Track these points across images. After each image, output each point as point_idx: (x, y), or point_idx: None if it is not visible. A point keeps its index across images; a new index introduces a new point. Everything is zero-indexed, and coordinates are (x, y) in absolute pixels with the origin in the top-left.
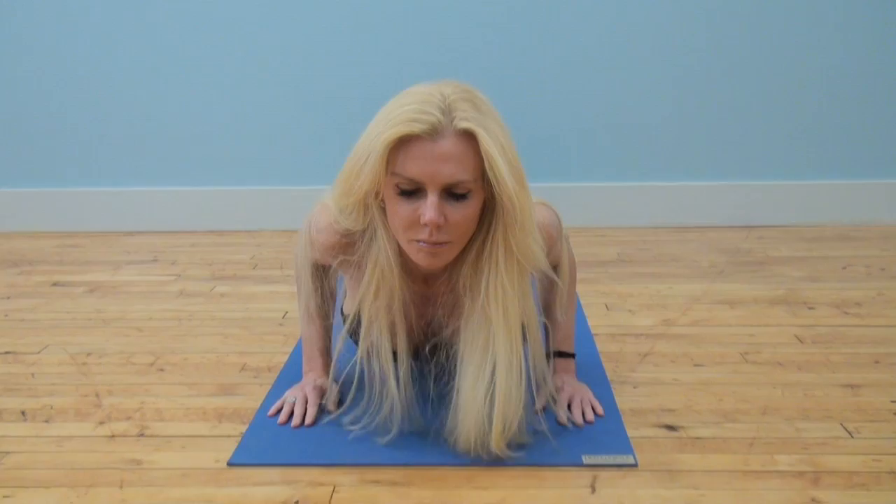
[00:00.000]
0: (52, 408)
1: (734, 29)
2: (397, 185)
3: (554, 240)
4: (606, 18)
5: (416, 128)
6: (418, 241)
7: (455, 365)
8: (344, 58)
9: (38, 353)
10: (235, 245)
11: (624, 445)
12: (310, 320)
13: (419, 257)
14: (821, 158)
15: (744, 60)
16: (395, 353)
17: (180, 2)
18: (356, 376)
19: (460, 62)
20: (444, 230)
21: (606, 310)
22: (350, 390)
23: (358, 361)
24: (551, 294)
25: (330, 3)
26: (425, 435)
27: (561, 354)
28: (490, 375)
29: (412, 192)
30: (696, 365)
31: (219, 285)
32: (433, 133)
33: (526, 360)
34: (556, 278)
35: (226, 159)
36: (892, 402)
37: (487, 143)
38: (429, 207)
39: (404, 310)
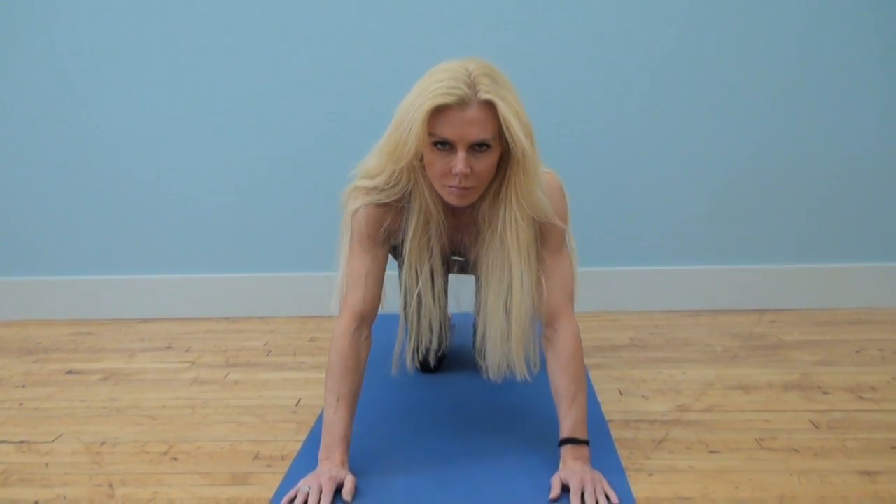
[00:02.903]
0: (65, 498)
1: (744, 118)
2: (434, 144)
3: (559, 196)
4: (620, 102)
5: (448, 99)
6: (451, 186)
7: (478, 279)
8: (357, 145)
9: (52, 442)
10: (249, 332)
11: None
12: (336, 406)
13: (451, 198)
14: (832, 242)
15: (756, 145)
16: (432, 273)
17: (184, 85)
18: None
19: None
20: (470, 177)
21: (620, 395)
22: None
23: (403, 285)
24: (561, 367)
25: (342, 85)
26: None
27: (574, 441)
28: (507, 289)
29: (446, 148)
30: (711, 451)
31: (232, 372)
32: (462, 103)
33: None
34: (558, 223)
35: (238, 246)
36: None
37: (505, 110)
38: (459, 161)
39: (439, 236)
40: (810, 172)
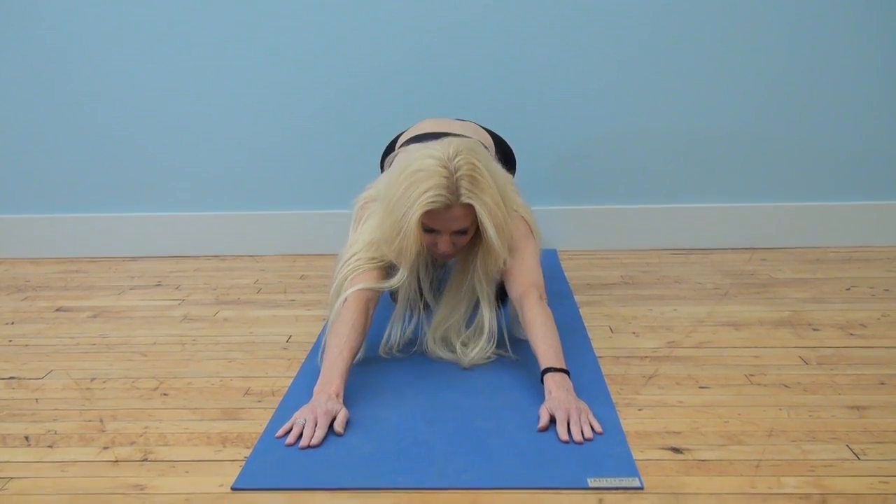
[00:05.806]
0: (55, 433)
1: (740, 55)
2: (423, 229)
3: (524, 236)
4: (614, 45)
5: (434, 206)
6: (437, 253)
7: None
8: (349, 87)
9: (42, 378)
10: (239, 269)
11: (629, 468)
12: (342, 348)
13: (436, 258)
14: (823, 180)
15: (749, 85)
16: (420, 288)
17: (179, 29)
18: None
19: (466, 92)
20: (452, 250)
21: (611, 332)
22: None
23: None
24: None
25: (339, 34)
26: (430, 460)
27: (553, 370)
28: (463, 312)
29: (432, 231)
30: (701, 387)
31: (222, 310)
32: (446, 207)
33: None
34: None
35: (229, 184)
36: None
37: (480, 213)
38: (443, 244)
39: (426, 260)
40: (802, 111)
